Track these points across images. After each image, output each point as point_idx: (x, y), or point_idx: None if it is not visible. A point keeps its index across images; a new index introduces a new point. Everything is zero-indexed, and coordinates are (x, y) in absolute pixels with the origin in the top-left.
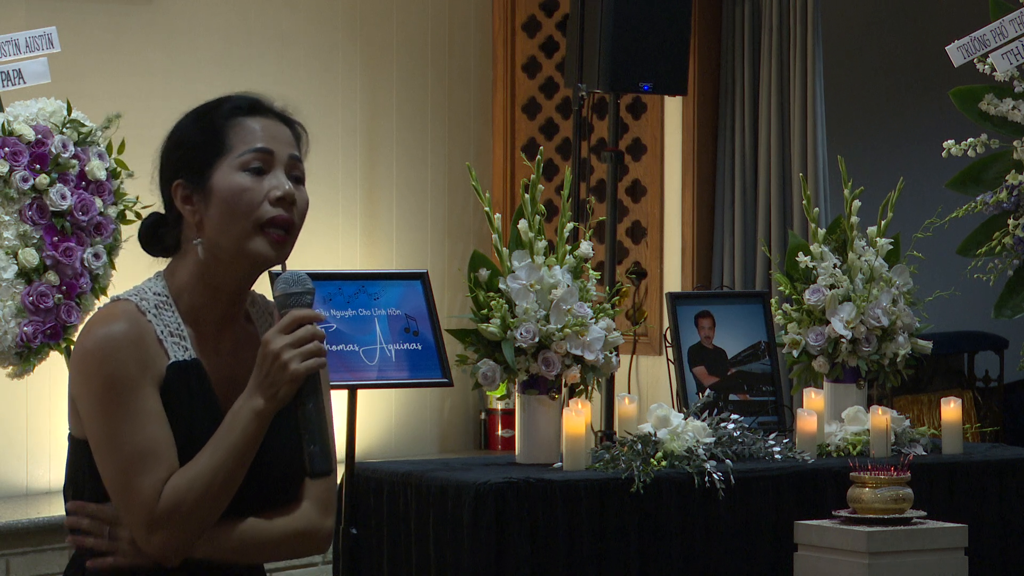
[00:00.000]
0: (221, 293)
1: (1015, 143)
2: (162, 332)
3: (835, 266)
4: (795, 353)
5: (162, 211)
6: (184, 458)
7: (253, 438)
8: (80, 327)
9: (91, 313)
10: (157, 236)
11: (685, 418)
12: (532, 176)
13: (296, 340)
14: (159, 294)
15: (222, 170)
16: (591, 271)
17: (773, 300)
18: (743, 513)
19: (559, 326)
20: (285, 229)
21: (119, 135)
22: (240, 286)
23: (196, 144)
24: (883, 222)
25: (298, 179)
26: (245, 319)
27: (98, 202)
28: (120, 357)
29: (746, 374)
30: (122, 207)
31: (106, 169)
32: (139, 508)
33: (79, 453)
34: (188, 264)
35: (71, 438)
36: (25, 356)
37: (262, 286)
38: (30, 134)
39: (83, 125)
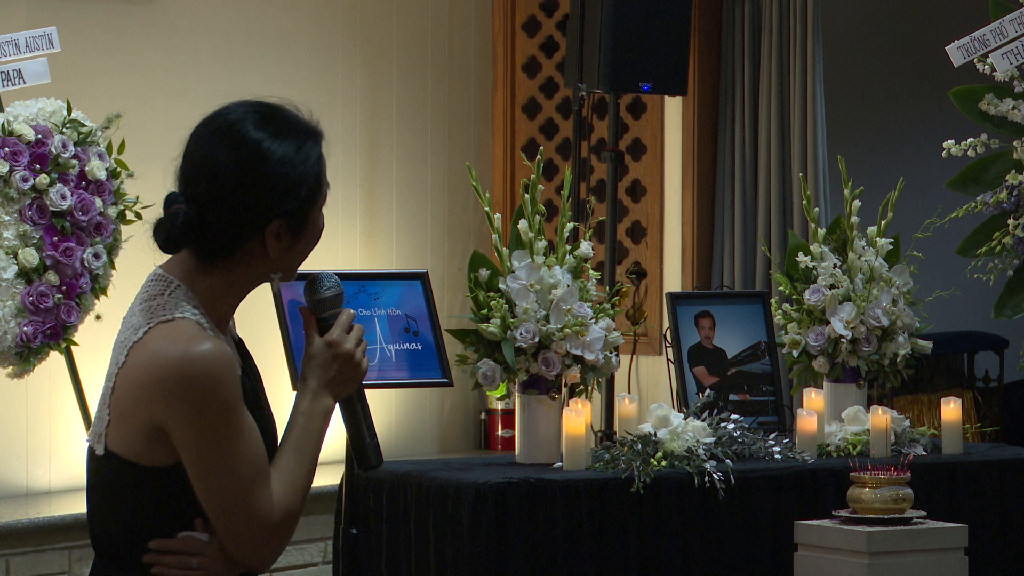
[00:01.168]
0: (240, 300)
1: (1015, 143)
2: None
3: (835, 266)
4: (795, 353)
5: (189, 213)
6: None
7: (324, 437)
8: (142, 346)
9: (139, 328)
10: (185, 240)
11: (685, 418)
12: (532, 176)
13: (358, 340)
14: (196, 312)
15: (317, 212)
16: (591, 271)
17: (773, 300)
18: (743, 513)
19: (559, 326)
20: None
21: (119, 135)
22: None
23: (306, 192)
24: (883, 222)
25: None
26: None
27: (98, 202)
28: (226, 378)
29: (746, 374)
30: (122, 207)
31: (106, 169)
32: (259, 523)
33: (148, 482)
34: (222, 278)
35: (132, 466)
36: (25, 356)
37: None
38: (30, 134)
39: (83, 125)
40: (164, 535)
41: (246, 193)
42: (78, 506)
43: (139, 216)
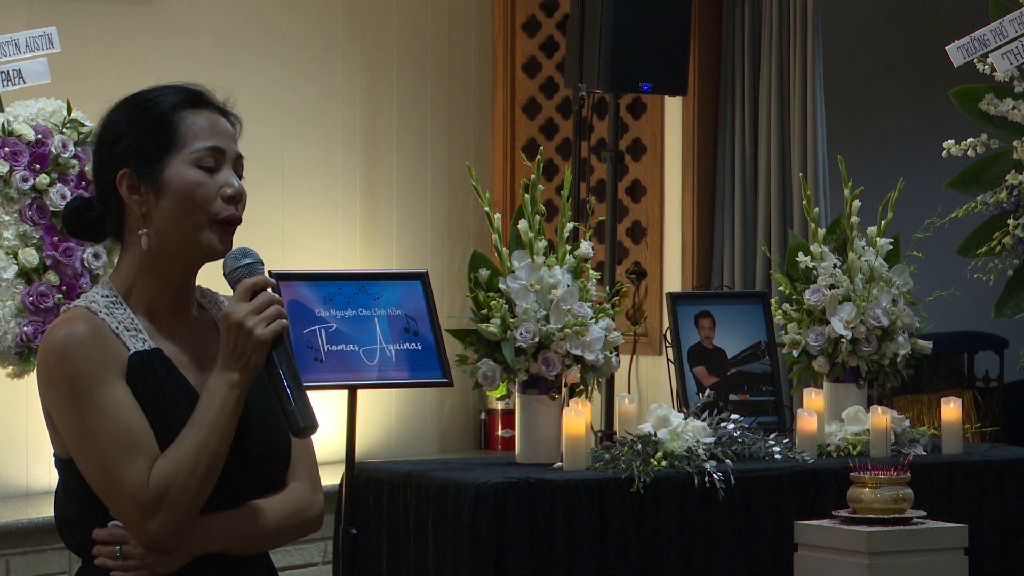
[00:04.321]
0: (170, 283)
1: (1015, 143)
2: (116, 327)
3: (835, 266)
4: (795, 353)
5: (86, 196)
6: (165, 445)
7: (232, 412)
8: None
9: None
10: (84, 221)
11: (685, 418)
12: (532, 176)
13: (256, 307)
14: (107, 296)
15: (176, 164)
16: (591, 271)
17: (773, 300)
18: (743, 513)
19: (559, 326)
20: (234, 225)
21: None
22: (186, 275)
23: (145, 135)
24: (883, 222)
25: (240, 175)
26: (198, 307)
27: None
28: (80, 354)
29: (746, 374)
30: None
31: None
32: (128, 498)
33: (66, 472)
34: (133, 257)
35: (57, 459)
36: (25, 356)
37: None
38: (30, 134)
39: (83, 125)
40: (101, 525)
41: (97, 148)
42: None
43: None
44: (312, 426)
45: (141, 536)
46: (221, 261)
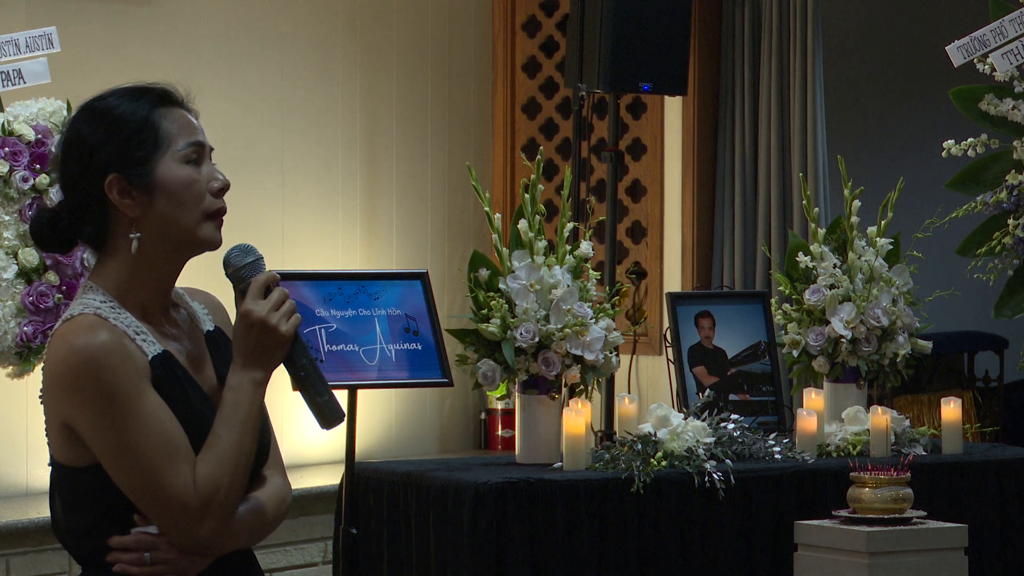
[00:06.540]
0: (161, 283)
1: (1015, 143)
2: (129, 333)
3: (835, 266)
4: (795, 353)
5: (50, 208)
6: (194, 447)
7: (259, 409)
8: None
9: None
10: (56, 232)
11: (685, 418)
12: (532, 176)
13: (275, 304)
14: (105, 301)
15: (165, 163)
16: (591, 271)
17: (773, 300)
18: (743, 513)
19: (559, 326)
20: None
21: None
22: (174, 273)
23: (129, 138)
24: (883, 222)
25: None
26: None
27: None
28: (114, 364)
29: (746, 374)
30: None
31: None
32: (178, 505)
33: (78, 481)
34: (120, 262)
35: (63, 468)
36: (25, 356)
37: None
38: (30, 134)
39: None
40: (119, 533)
41: (71, 160)
42: None
43: None
44: (341, 416)
45: (189, 541)
46: (218, 262)
